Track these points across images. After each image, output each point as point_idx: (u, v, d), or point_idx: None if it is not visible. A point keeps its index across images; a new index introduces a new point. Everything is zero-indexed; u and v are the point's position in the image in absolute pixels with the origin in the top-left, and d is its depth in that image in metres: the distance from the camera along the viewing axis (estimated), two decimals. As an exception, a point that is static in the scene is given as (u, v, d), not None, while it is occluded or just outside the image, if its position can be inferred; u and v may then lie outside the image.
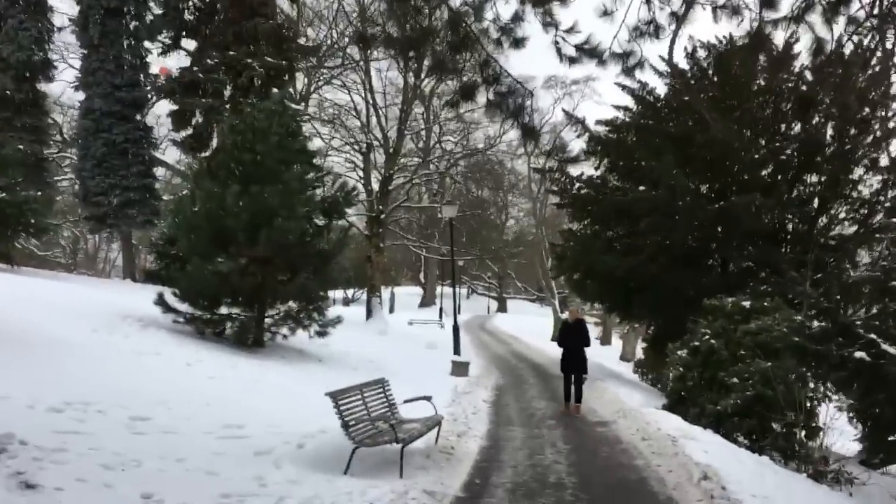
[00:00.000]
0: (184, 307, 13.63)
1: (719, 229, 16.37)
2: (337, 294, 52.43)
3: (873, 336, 10.12)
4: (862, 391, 10.51)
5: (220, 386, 10.06)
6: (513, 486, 6.94)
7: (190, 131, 22.92)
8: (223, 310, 14.08)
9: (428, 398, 8.70)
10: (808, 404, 11.28)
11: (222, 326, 13.98)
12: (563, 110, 20.48)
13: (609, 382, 16.81)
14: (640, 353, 38.52)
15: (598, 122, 20.11)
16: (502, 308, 63.68)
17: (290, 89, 27.25)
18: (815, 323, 11.33)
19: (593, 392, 14.82)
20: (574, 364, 11.98)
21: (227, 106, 21.54)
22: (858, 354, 10.00)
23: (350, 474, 6.65)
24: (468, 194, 53.45)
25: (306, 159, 14.42)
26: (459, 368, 16.52)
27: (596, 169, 20.14)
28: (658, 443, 9.10)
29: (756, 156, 15.70)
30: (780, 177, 16.12)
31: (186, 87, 21.73)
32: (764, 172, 15.94)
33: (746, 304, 12.99)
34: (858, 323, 10.84)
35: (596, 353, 32.29)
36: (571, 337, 12.16)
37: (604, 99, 57.37)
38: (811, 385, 11.31)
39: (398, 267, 70.95)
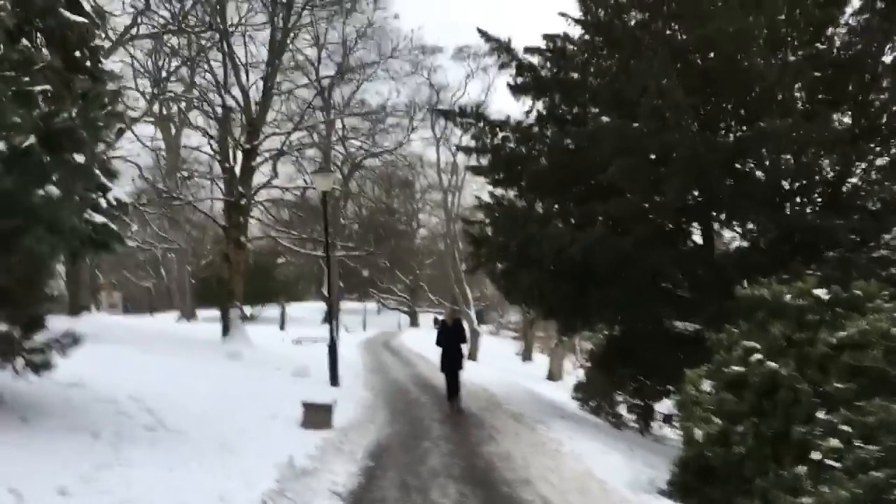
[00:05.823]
0: None
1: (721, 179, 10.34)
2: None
3: None
4: None
5: None
6: None
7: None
8: None
9: None
10: None
11: None
12: (479, 30, 14.17)
13: (556, 428, 10.58)
14: (567, 371, 32.89)
15: (529, 50, 14.08)
16: (414, 322, 57.38)
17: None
18: None
19: (542, 454, 8.52)
20: (453, 362, 12.26)
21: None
22: None
23: None
24: (378, 203, 47.34)
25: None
26: (316, 415, 9.87)
27: (527, 115, 14.02)
28: None
29: (791, 57, 9.82)
30: (811, 101, 10.40)
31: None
32: (793, 93, 10.09)
33: (823, 292, 7.03)
34: None
35: (518, 372, 26.41)
36: (450, 337, 12.38)
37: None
38: None
39: (302, 280, 63.62)
